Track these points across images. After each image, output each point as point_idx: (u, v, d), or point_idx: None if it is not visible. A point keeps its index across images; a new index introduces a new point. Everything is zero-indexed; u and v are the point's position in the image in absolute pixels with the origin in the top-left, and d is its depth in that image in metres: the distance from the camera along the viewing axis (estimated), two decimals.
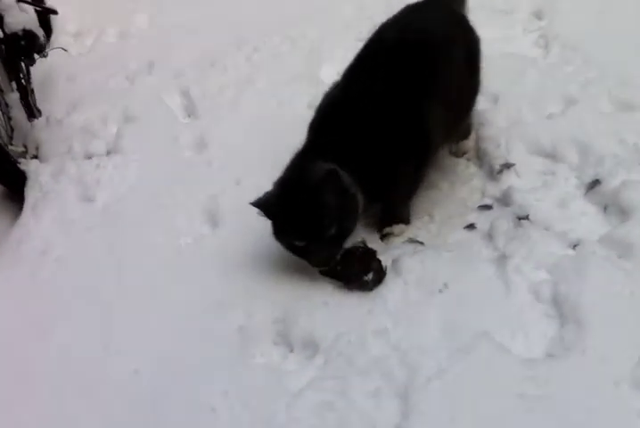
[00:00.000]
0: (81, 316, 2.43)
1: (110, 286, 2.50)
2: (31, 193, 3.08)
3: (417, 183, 2.45)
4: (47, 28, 4.05)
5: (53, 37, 4.38)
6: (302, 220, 2.13)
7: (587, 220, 2.31)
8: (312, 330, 2.13)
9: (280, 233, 2.21)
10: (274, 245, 2.25)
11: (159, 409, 2.04)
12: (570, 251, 2.19)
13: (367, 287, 2.21)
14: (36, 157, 3.34)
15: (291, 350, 2.14)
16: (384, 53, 2.35)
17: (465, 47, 2.51)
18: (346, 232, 2.20)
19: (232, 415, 1.97)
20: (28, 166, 3.21)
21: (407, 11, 2.53)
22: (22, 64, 3.56)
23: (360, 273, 2.21)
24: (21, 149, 3.34)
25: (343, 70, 2.41)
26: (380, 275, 2.23)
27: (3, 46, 3.42)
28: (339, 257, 2.21)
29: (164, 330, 2.28)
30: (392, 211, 2.47)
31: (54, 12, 3.79)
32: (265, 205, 2.21)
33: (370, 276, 2.21)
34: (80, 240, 2.77)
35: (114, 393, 2.12)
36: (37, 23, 3.50)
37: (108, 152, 3.25)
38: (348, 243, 2.25)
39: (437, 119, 2.32)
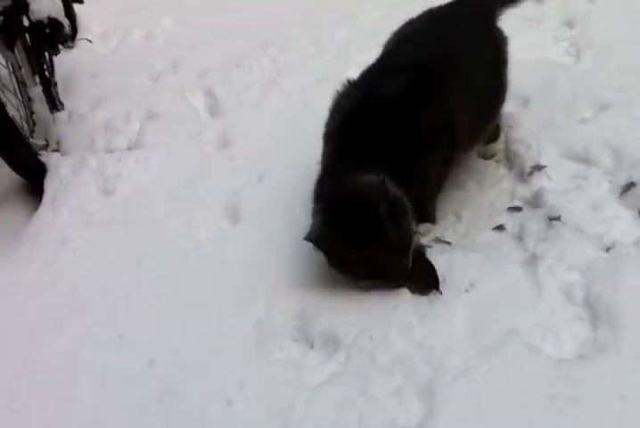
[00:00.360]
0: (97, 306, 2.39)
1: (128, 277, 2.46)
2: (51, 185, 3.05)
3: (442, 180, 2.40)
4: (72, 22, 4.00)
5: (78, 36, 4.35)
6: (366, 244, 2.03)
7: (622, 223, 2.23)
8: (334, 325, 2.07)
9: (344, 263, 2.10)
10: (297, 241, 2.19)
11: (173, 399, 1.98)
12: (604, 254, 2.12)
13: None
14: (57, 151, 3.29)
15: (311, 347, 2.07)
16: (406, 59, 2.34)
17: (490, 50, 2.49)
18: (409, 239, 2.10)
19: (248, 407, 1.91)
20: (49, 158, 3.18)
21: (430, 16, 2.50)
22: (46, 54, 3.51)
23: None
24: (43, 142, 3.31)
25: (360, 73, 2.38)
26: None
27: (27, 35, 3.38)
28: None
29: (180, 321, 2.23)
30: (418, 210, 2.40)
31: (80, 1, 3.74)
32: (320, 239, 2.08)
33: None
34: (99, 232, 2.73)
35: (128, 383, 2.07)
36: (63, 13, 3.47)
37: (129, 148, 3.21)
38: None
39: (461, 119, 2.28)
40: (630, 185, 2.33)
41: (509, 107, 2.71)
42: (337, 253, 2.09)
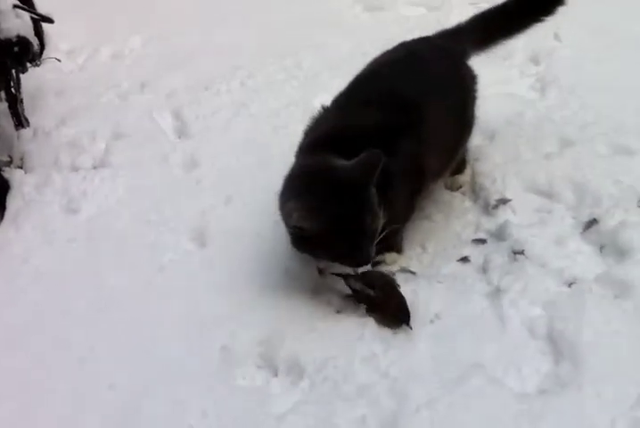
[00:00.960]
0: (57, 327, 2.35)
1: (89, 299, 2.43)
2: (13, 202, 3.00)
3: (410, 211, 2.42)
4: (40, 40, 3.96)
5: (45, 53, 4.31)
6: (337, 220, 2.03)
7: (583, 259, 2.27)
8: (298, 353, 2.06)
9: (311, 240, 2.08)
10: (264, 265, 2.19)
11: (134, 426, 1.96)
12: (566, 289, 2.15)
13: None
14: (20, 167, 3.26)
15: (275, 375, 2.07)
16: (378, 97, 2.35)
17: (460, 89, 2.54)
18: (376, 226, 2.11)
19: None
20: (12, 175, 3.14)
21: (402, 51, 2.54)
22: (13, 72, 3.48)
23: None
24: (6, 158, 3.26)
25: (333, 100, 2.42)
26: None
27: None
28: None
29: (143, 345, 2.20)
30: (384, 239, 2.41)
31: (50, 21, 3.69)
32: (288, 213, 2.09)
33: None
34: (62, 251, 2.70)
35: (88, 408, 2.04)
36: (32, 31, 3.42)
37: (95, 167, 3.17)
38: None
39: (429, 159, 2.32)
40: (592, 222, 2.37)
41: (476, 140, 2.76)
42: (305, 228, 2.06)
